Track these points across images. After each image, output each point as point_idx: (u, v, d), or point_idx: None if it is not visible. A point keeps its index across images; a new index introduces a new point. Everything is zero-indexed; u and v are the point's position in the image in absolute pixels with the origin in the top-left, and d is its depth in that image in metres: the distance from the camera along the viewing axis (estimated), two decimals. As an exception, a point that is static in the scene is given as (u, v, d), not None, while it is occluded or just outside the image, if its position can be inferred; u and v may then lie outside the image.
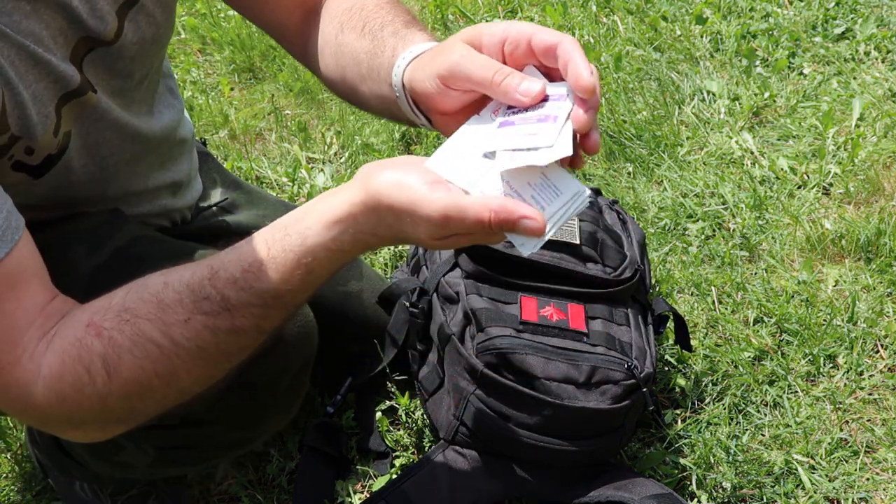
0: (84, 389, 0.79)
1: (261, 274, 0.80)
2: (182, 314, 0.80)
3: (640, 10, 2.40)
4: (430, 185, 0.75)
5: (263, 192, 1.43)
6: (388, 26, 0.97)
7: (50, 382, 0.79)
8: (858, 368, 1.45)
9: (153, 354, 0.80)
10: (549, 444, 1.21)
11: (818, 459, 1.33)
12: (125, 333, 0.80)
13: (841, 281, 1.60)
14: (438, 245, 0.79)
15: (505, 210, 0.73)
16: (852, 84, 2.05)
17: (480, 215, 0.73)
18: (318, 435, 1.35)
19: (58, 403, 0.80)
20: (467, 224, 0.74)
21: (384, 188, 0.76)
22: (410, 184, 0.76)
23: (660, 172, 1.88)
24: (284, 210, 1.36)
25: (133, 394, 0.81)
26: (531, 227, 0.73)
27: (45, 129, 0.91)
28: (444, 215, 0.74)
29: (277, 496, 1.34)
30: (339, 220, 0.79)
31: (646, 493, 1.23)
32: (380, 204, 0.77)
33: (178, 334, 0.80)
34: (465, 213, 0.74)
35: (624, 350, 1.25)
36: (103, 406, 0.81)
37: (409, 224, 0.76)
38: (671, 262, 1.67)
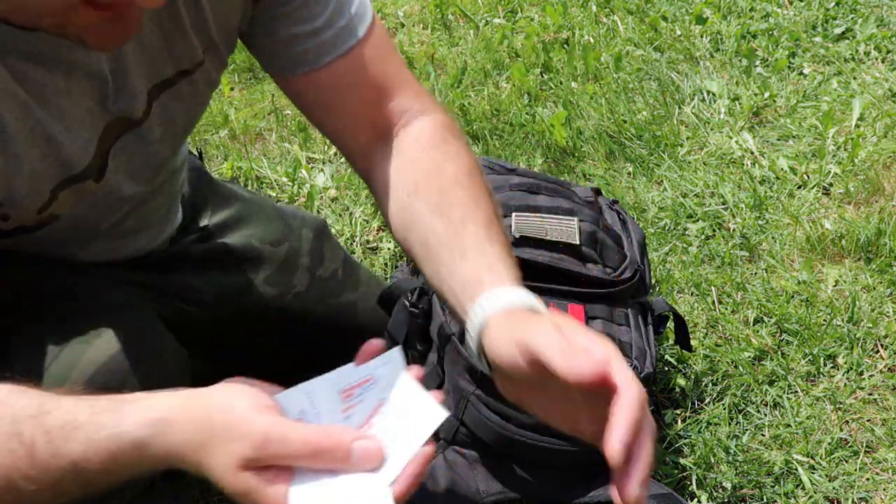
0: None
1: (71, 436, 0.73)
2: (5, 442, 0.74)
3: (640, 10, 2.40)
4: (260, 407, 0.70)
5: (262, 202, 1.39)
6: (470, 225, 0.88)
7: None
8: (858, 368, 1.45)
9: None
10: (549, 444, 1.21)
11: (818, 459, 1.33)
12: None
13: (841, 281, 1.60)
14: (238, 483, 0.69)
15: (339, 434, 0.67)
16: (852, 84, 2.05)
17: (307, 439, 0.67)
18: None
19: None
20: (290, 449, 0.67)
21: (213, 400, 0.72)
22: (238, 402, 0.70)
23: (660, 172, 1.88)
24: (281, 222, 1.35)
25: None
26: (368, 450, 0.67)
27: (31, 204, 0.87)
28: (266, 435, 0.67)
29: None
30: (156, 420, 0.72)
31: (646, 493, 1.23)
32: (201, 414, 0.71)
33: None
34: (289, 434, 0.67)
35: (624, 350, 1.25)
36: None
37: (221, 444, 0.69)
38: (671, 262, 1.67)
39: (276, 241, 1.33)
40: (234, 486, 0.69)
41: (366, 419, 0.72)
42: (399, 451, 0.68)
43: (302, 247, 1.35)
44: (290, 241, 1.34)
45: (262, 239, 1.32)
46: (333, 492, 0.67)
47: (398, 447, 0.69)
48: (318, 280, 1.35)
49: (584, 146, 1.97)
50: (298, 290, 1.33)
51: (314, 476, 0.68)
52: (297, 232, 1.35)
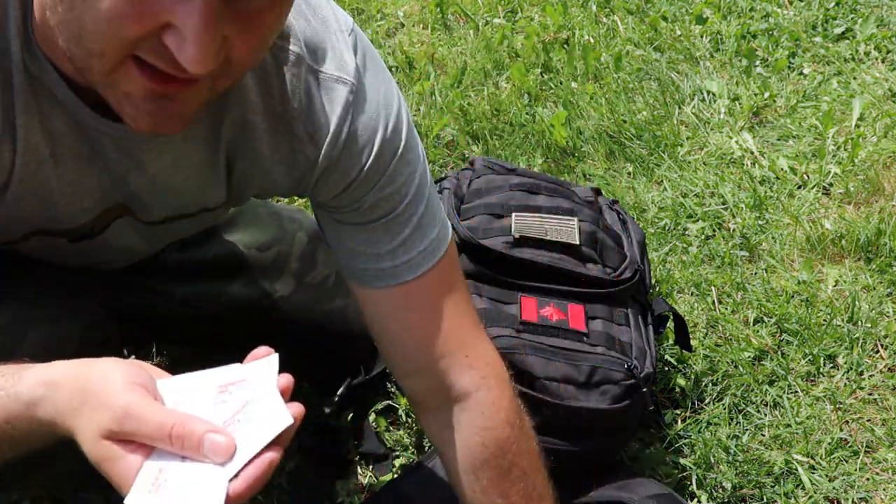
0: None
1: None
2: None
3: (640, 10, 2.40)
4: (131, 383, 0.71)
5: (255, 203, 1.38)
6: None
7: None
8: (858, 368, 1.45)
9: None
10: (549, 444, 1.21)
11: (818, 459, 1.33)
12: None
13: (841, 281, 1.60)
14: (98, 450, 0.70)
15: (193, 421, 0.68)
16: (852, 84, 2.05)
17: (163, 420, 0.68)
18: (317, 435, 1.35)
19: None
20: (146, 428, 0.68)
21: (95, 369, 0.73)
22: (116, 374, 0.71)
23: (660, 172, 1.88)
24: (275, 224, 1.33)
25: None
26: (218, 443, 0.68)
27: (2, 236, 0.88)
28: (126, 409, 0.68)
29: (277, 496, 1.34)
30: (46, 382, 0.73)
31: (646, 493, 1.23)
32: (81, 381, 0.71)
33: None
34: (147, 413, 0.68)
35: (624, 350, 1.25)
36: None
37: (89, 410, 0.70)
38: (671, 262, 1.67)
39: (265, 245, 1.30)
40: (94, 453, 0.70)
41: (230, 416, 0.74)
42: (244, 450, 0.71)
43: (293, 252, 1.32)
44: (281, 245, 1.32)
45: (249, 244, 1.30)
46: (179, 475, 0.70)
47: (244, 446, 0.71)
48: (306, 286, 1.32)
49: (584, 146, 1.97)
50: (281, 294, 1.30)
51: (168, 457, 0.71)
52: (290, 235, 1.33)
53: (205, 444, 0.69)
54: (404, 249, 0.93)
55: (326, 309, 1.34)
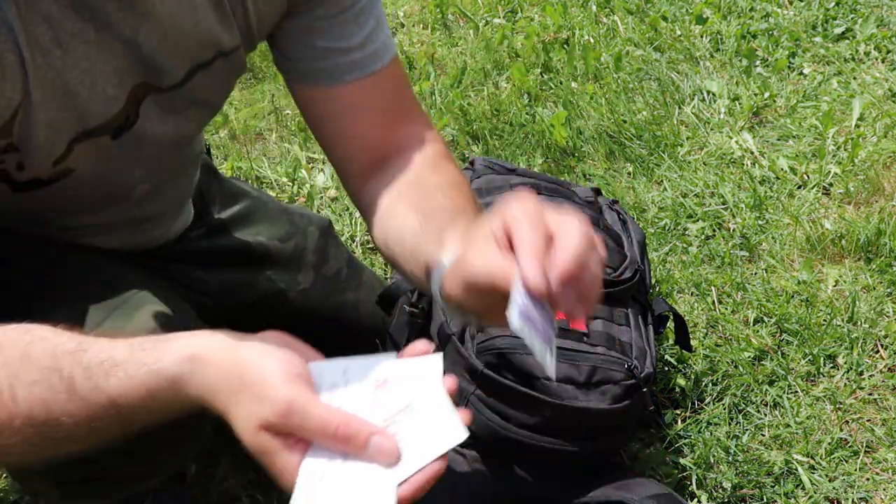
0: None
1: (111, 373, 0.75)
2: (34, 374, 0.75)
3: (640, 10, 2.40)
4: (292, 374, 0.70)
5: (268, 200, 1.40)
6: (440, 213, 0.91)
7: None
8: (858, 368, 1.45)
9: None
10: (549, 444, 1.21)
11: (818, 459, 1.33)
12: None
13: (841, 281, 1.60)
14: (257, 442, 0.70)
15: (359, 424, 0.68)
16: (852, 84, 2.05)
17: (328, 420, 0.68)
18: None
19: None
20: (309, 424, 0.68)
21: (249, 351, 0.73)
22: (272, 361, 0.71)
23: (660, 172, 1.88)
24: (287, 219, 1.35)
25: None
26: (384, 447, 0.67)
27: (47, 154, 0.88)
28: (289, 405, 0.68)
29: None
30: (193, 357, 0.74)
31: (646, 493, 1.23)
32: (235, 364, 0.72)
33: (21, 394, 0.75)
34: (311, 409, 0.68)
35: (624, 350, 1.25)
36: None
37: (248, 398, 0.70)
38: (671, 262, 1.67)
39: (284, 237, 1.34)
40: (252, 444, 0.70)
41: (391, 414, 0.72)
42: (413, 457, 0.69)
43: (308, 245, 1.36)
44: (297, 238, 1.35)
45: (271, 236, 1.32)
46: (343, 474, 0.68)
47: (413, 453, 0.69)
48: (323, 278, 1.36)
49: (584, 146, 1.97)
50: (304, 286, 1.34)
51: (329, 454, 0.69)
52: (303, 230, 1.36)
53: (370, 446, 0.69)
54: (370, 40, 0.99)
55: (339, 301, 1.36)
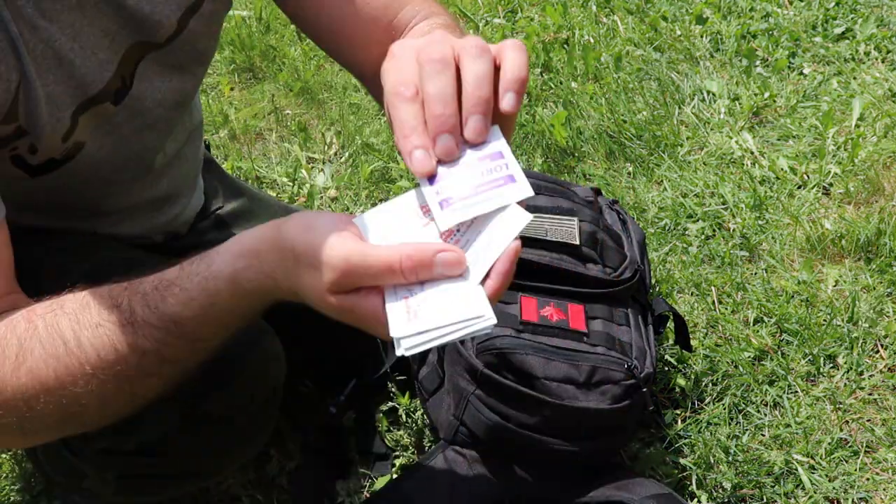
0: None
1: (167, 293, 0.75)
2: (95, 317, 0.76)
3: (640, 10, 2.40)
4: (339, 232, 0.70)
5: (267, 197, 1.41)
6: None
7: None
8: (858, 368, 1.45)
9: (58, 351, 0.75)
10: (550, 444, 1.21)
11: (818, 459, 1.33)
12: (46, 322, 0.76)
13: (841, 281, 1.60)
14: (333, 306, 0.70)
15: (420, 249, 0.67)
16: (852, 84, 2.05)
17: (389, 258, 0.67)
18: (320, 435, 1.35)
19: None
20: (372, 271, 0.68)
21: (291, 227, 0.72)
22: (317, 227, 0.71)
23: (660, 172, 1.88)
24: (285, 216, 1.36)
25: (30, 391, 0.75)
26: (449, 259, 0.67)
27: (54, 131, 0.88)
28: (346, 260, 0.67)
29: (277, 496, 1.34)
30: (244, 252, 0.74)
31: (646, 493, 1.23)
32: (283, 243, 0.72)
33: (86, 338, 0.75)
34: (369, 257, 0.68)
35: (624, 350, 1.25)
36: (3, 395, 0.75)
37: (306, 270, 0.70)
38: (671, 262, 1.67)
39: None
40: (329, 310, 0.71)
41: (446, 229, 0.72)
42: (484, 255, 0.69)
43: None
44: None
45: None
46: (428, 300, 0.69)
47: (483, 253, 0.69)
48: None
49: (584, 146, 1.97)
50: None
51: (405, 289, 0.70)
52: None
53: (437, 265, 0.68)
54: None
55: None
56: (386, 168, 1.94)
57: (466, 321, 0.67)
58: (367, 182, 1.91)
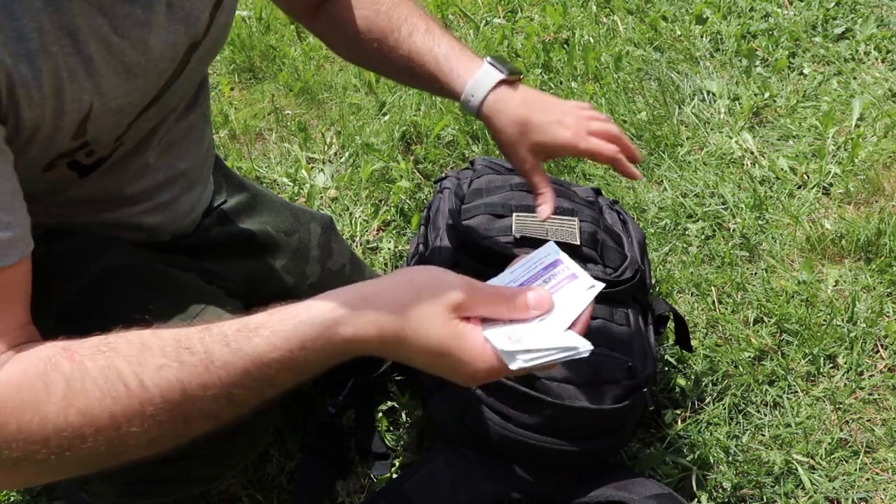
0: (37, 405, 0.72)
1: (253, 335, 0.76)
2: (160, 359, 0.75)
3: (640, 10, 2.40)
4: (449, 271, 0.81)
5: (269, 193, 1.41)
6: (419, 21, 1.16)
7: (3, 388, 0.73)
8: (858, 368, 1.45)
9: (117, 391, 0.74)
10: (550, 444, 1.21)
11: (818, 459, 1.33)
12: (97, 363, 0.74)
13: (841, 281, 1.60)
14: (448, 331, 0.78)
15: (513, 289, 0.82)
16: (852, 84, 2.05)
17: (494, 287, 0.82)
18: (320, 435, 1.35)
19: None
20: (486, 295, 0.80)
21: (404, 270, 0.81)
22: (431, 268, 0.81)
23: (660, 172, 1.88)
24: (290, 214, 1.36)
25: (78, 430, 0.73)
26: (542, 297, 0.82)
27: (112, 137, 0.92)
28: (470, 283, 0.80)
29: (277, 496, 1.34)
30: (348, 299, 0.77)
31: (646, 493, 1.23)
32: (400, 278, 0.80)
33: (149, 378, 0.74)
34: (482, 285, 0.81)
35: (624, 350, 1.25)
36: (44, 432, 0.73)
37: (426, 298, 0.78)
38: (671, 262, 1.67)
39: (288, 230, 1.34)
40: (444, 333, 0.77)
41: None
42: (571, 307, 0.84)
43: (311, 239, 1.36)
44: (300, 232, 1.35)
45: (276, 227, 1.33)
46: (525, 331, 0.80)
47: (570, 304, 0.84)
48: (328, 272, 1.37)
49: (584, 146, 1.97)
50: (312, 280, 1.34)
51: (501, 324, 0.81)
52: (305, 225, 1.37)
53: (531, 300, 0.81)
54: None
55: None
56: (386, 168, 1.94)
57: (568, 348, 0.79)
58: (367, 182, 1.90)
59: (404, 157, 1.98)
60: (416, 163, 1.96)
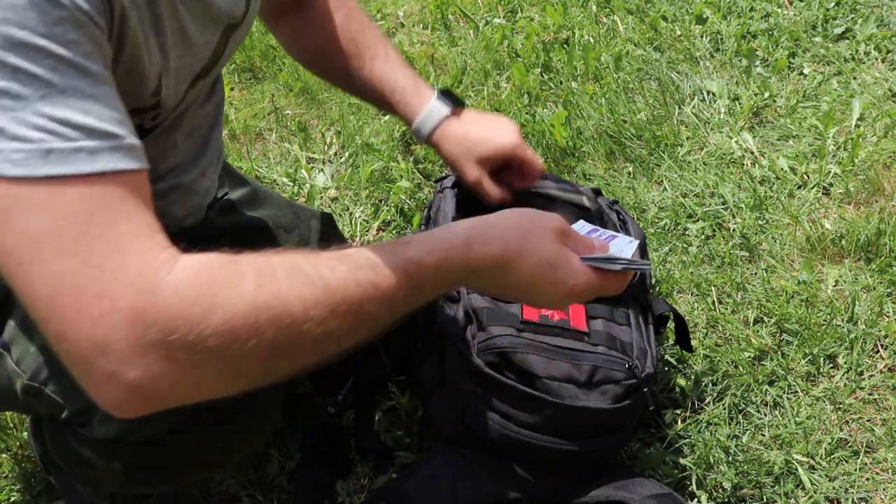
0: (231, 288, 0.71)
1: (407, 244, 0.82)
2: (330, 261, 0.77)
3: (640, 10, 2.40)
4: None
5: (270, 190, 1.43)
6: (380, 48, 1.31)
7: (189, 275, 0.70)
8: (858, 368, 1.45)
9: (302, 280, 0.74)
10: (550, 444, 1.21)
11: (818, 459, 1.33)
12: (280, 256, 0.76)
13: (841, 281, 1.60)
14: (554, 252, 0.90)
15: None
16: (852, 84, 2.05)
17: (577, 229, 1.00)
18: (320, 435, 1.35)
19: (190, 299, 0.69)
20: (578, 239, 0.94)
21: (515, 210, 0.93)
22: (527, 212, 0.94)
23: (660, 172, 1.88)
24: (290, 210, 1.37)
25: (275, 317, 0.72)
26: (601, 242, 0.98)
27: (174, 104, 0.96)
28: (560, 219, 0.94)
29: (277, 496, 1.34)
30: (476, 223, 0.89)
31: (646, 493, 1.23)
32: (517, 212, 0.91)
33: (327, 273, 0.76)
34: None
35: (625, 350, 1.25)
36: (244, 317, 0.71)
37: (539, 227, 0.90)
38: (671, 262, 1.67)
39: (288, 226, 1.36)
40: (553, 253, 0.89)
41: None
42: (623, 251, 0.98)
43: (311, 236, 1.38)
44: (300, 228, 1.36)
45: (277, 223, 1.34)
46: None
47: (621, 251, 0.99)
48: None
49: (584, 146, 1.97)
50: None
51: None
52: (305, 222, 1.38)
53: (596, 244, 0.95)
54: None
55: None
56: (386, 168, 1.94)
57: (642, 262, 1.00)
58: (367, 182, 1.91)
59: (404, 157, 1.98)
60: (416, 163, 1.96)
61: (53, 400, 0.98)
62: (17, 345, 0.99)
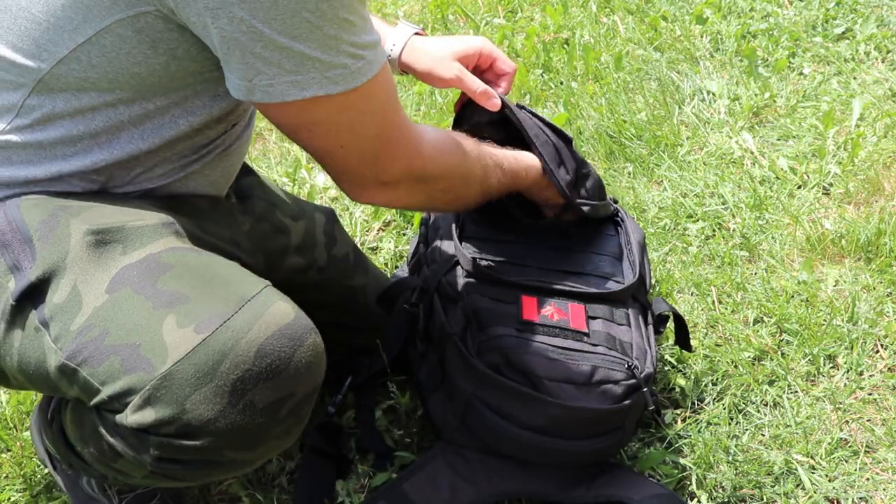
0: (455, 153, 1.16)
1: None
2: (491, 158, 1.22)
3: (640, 10, 2.40)
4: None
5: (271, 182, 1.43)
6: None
7: (435, 143, 1.12)
8: (858, 368, 1.45)
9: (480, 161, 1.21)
10: (550, 444, 1.21)
11: (818, 459, 1.33)
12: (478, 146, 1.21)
13: (841, 281, 1.60)
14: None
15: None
16: (852, 84, 2.05)
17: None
18: (320, 435, 1.35)
19: (440, 158, 1.13)
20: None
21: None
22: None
23: (660, 172, 1.88)
24: (294, 203, 1.37)
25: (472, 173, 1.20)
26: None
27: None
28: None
29: (277, 496, 1.34)
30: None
31: (646, 493, 1.23)
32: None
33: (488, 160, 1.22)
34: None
35: (624, 350, 1.25)
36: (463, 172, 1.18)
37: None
38: (671, 262, 1.67)
39: (295, 216, 1.36)
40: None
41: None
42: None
43: (316, 227, 1.38)
44: (305, 219, 1.37)
45: (284, 212, 1.34)
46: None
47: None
48: (334, 259, 1.39)
49: (584, 146, 1.97)
50: (320, 264, 1.36)
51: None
52: (309, 214, 1.38)
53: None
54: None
55: (350, 285, 1.40)
56: (386, 168, 1.94)
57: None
58: (367, 182, 1.90)
59: (404, 156, 1.98)
60: (416, 163, 1.96)
61: (88, 383, 0.95)
62: (57, 322, 0.97)
